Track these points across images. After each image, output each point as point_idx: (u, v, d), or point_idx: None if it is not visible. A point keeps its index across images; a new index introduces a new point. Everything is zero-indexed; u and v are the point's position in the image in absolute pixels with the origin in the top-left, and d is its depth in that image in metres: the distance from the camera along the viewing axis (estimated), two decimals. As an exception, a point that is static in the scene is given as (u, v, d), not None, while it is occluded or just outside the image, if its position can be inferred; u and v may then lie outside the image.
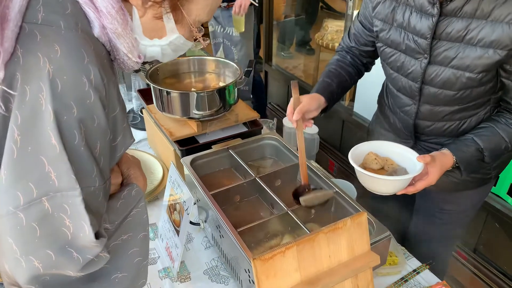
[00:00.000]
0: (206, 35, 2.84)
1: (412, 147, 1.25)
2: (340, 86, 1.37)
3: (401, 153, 1.19)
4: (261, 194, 1.35)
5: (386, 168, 1.19)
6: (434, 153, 1.15)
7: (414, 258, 1.33)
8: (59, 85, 0.61)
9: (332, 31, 3.14)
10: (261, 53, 3.82)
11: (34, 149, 0.62)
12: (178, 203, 1.24)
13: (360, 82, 2.72)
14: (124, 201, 0.82)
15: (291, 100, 1.22)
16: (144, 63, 1.61)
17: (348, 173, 2.85)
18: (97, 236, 0.68)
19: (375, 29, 1.28)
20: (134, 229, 0.81)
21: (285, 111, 3.76)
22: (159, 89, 1.49)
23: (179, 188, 1.23)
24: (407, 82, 1.24)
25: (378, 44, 1.29)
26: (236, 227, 1.14)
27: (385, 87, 1.46)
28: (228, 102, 1.55)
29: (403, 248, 1.37)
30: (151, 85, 1.52)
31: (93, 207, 0.69)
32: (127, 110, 2.12)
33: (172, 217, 1.28)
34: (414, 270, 1.28)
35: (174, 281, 1.24)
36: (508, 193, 1.99)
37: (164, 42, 0.80)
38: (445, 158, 1.14)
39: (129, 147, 0.81)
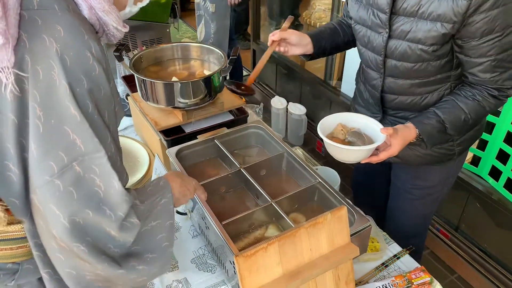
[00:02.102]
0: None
1: (381, 121, 1.34)
2: (332, 38, 1.46)
3: (367, 124, 1.25)
4: (246, 184, 1.37)
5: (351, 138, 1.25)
6: (397, 126, 1.22)
7: (395, 243, 1.37)
8: (68, 61, 0.69)
9: (320, 10, 3.11)
10: (249, 29, 3.77)
11: (57, 121, 0.69)
12: (164, 195, 1.26)
13: (347, 62, 2.72)
14: (152, 188, 0.93)
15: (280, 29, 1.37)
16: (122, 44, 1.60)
17: (336, 153, 2.88)
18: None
19: (349, 7, 1.36)
20: (162, 217, 0.91)
21: (273, 91, 3.75)
22: (143, 79, 1.48)
23: (165, 181, 1.24)
24: (373, 56, 1.31)
25: (351, 21, 1.37)
26: (221, 218, 1.16)
27: (360, 64, 1.53)
28: (213, 90, 1.55)
29: (385, 233, 1.41)
30: (135, 75, 1.51)
31: (116, 171, 0.76)
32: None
33: (158, 209, 1.30)
34: (395, 255, 1.33)
35: (162, 271, 1.27)
36: (489, 174, 2.04)
37: (136, 8, 0.91)
38: (407, 130, 1.21)
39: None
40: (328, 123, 1.25)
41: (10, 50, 0.65)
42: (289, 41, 1.38)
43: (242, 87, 1.43)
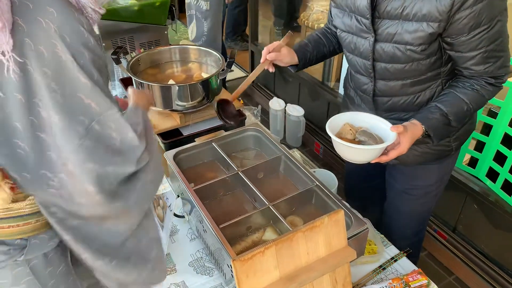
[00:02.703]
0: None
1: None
2: (317, 49, 1.48)
3: (375, 123, 1.25)
4: (244, 187, 1.37)
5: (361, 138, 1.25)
6: (405, 123, 1.22)
7: (393, 246, 1.38)
8: (67, 38, 0.75)
9: (318, 11, 3.11)
10: (247, 31, 3.77)
11: (71, 91, 0.76)
12: (161, 198, 1.26)
13: (345, 64, 2.72)
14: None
15: (277, 42, 1.39)
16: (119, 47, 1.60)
17: (334, 155, 2.89)
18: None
19: (333, 16, 1.37)
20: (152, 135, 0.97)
21: (272, 93, 3.75)
22: (141, 82, 1.49)
23: (162, 184, 1.24)
24: (362, 61, 1.32)
25: (337, 30, 1.38)
26: (218, 221, 1.17)
27: (348, 70, 1.54)
28: (211, 93, 1.55)
29: (382, 236, 1.41)
30: (133, 78, 1.51)
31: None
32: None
33: (156, 212, 1.30)
34: (392, 258, 1.33)
35: (160, 274, 1.27)
36: (486, 176, 2.04)
37: None
38: (415, 127, 1.21)
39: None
40: (335, 123, 1.25)
41: (7, 34, 0.70)
42: (280, 61, 1.39)
43: (229, 109, 1.43)
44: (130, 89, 1.09)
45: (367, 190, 1.76)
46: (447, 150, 1.41)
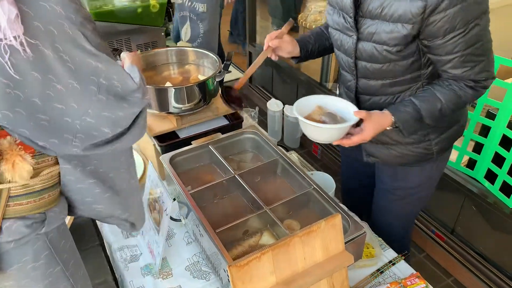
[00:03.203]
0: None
1: (358, 122, 1.34)
2: (319, 41, 1.49)
3: (345, 107, 1.30)
4: (241, 190, 1.36)
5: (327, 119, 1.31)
6: (373, 111, 1.25)
7: (391, 249, 1.37)
8: (72, 16, 0.84)
9: (316, 12, 3.10)
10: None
11: (81, 58, 0.85)
12: (157, 202, 1.25)
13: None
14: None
15: (280, 30, 1.40)
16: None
17: (332, 156, 2.88)
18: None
19: (326, 13, 1.39)
20: None
21: (270, 94, 3.75)
22: (137, 84, 1.47)
23: (158, 188, 1.24)
24: (346, 58, 1.34)
25: (329, 27, 1.40)
26: (215, 225, 1.16)
27: (339, 68, 1.54)
28: (207, 95, 1.54)
29: (380, 239, 1.41)
30: (128, 80, 1.50)
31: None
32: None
33: (152, 216, 1.29)
34: (390, 261, 1.32)
35: (156, 278, 1.26)
36: (485, 177, 2.04)
37: None
38: (383, 116, 1.23)
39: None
40: (306, 104, 1.31)
41: (19, 20, 0.77)
42: (282, 50, 1.41)
43: (233, 94, 1.44)
44: (123, 53, 1.27)
45: (363, 191, 1.75)
46: (427, 154, 1.40)
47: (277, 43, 1.37)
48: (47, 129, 0.87)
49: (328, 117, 1.27)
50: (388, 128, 1.24)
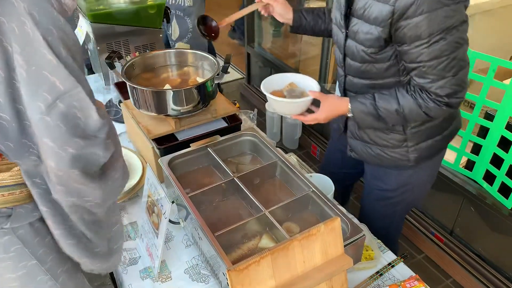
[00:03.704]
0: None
1: (347, 117, 1.42)
2: (314, 21, 1.54)
3: (313, 86, 1.43)
4: (239, 193, 1.36)
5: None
6: (332, 95, 1.37)
7: (390, 251, 1.37)
8: (36, 16, 0.79)
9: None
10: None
11: (37, 67, 0.80)
12: (156, 205, 1.24)
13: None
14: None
15: None
16: (114, 54, 1.59)
17: (330, 157, 2.88)
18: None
19: (332, 8, 1.43)
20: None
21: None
22: (134, 86, 1.47)
23: (157, 191, 1.23)
24: (338, 53, 1.40)
25: (332, 23, 1.44)
26: (214, 228, 1.15)
27: None
28: (206, 97, 1.54)
29: (379, 241, 1.40)
30: (127, 83, 1.49)
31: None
32: (106, 101, 2.09)
33: (151, 219, 1.29)
34: (389, 264, 1.32)
35: (155, 281, 1.26)
36: (483, 179, 2.04)
37: None
38: (340, 101, 1.32)
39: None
40: (277, 81, 1.45)
41: None
42: (273, 9, 1.50)
43: (211, 24, 1.56)
44: None
45: (342, 177, 1.79)
46: (403, 160, 1.41)
47: (271, 0, 1.46)
48: (5, 130, 0.84)
49: (290, 92, 1.39)
50: (349, 115, 1.33)
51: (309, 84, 1.44)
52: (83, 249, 1.00)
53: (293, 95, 1.40)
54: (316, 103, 1.38)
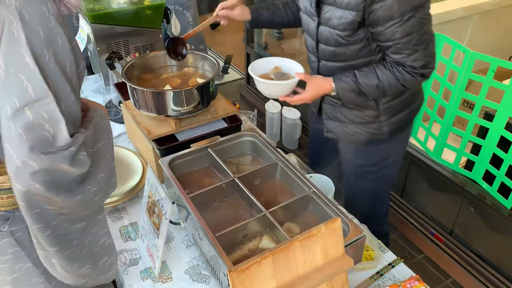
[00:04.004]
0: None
1: (322, 100, 1.59)
2: (271, 17, 1.66)
3: (297, 69, 1.50)
4: (240, 194, 1.36)
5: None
6: (316, 75, 1.46)
7: (390, 252, 1.37)
8: (26, 16, 0.77)
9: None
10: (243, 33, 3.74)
11: (14, 70, 0.77)
12: (156, 206, 1.25)
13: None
14: (88, 114, 0.98)
15: (232, 1, 1.58)
16: (114, 54, 1.59)
17: (330, 157, 2.88)
18: (72, 136, 0.85)
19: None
20: (106, 137, 1.00)
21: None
22: (135, 87, 1.47)
23: (157, 192, 1.23)
24: (310, 40, 1.49)
25: (300, 12, 1.53)
26: (214, 229, 1.16)
27: None
28: (206, 98, 1.54)
29: (379, 241, 1.41)
30: (127, 83, 1.50)
31: (73, 117, 0.86)
32: (106, 101, 2.09)
33: (151, 220, 1.29)
34: (390, 264, 1.32)
35: (156, 282, 1.26)
36: (483, 179, 2.04)
37: None
38: (324, 81, 1.41)
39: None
40: (264, 64, 1.51)
41: None
42: (232, 19, 1.60)
43: (178, 44, 1.65)
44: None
45: (325, 165, 1.86)
46: (378, 134, 1.54)
47: (225, 13, 1.57)
48: None
49: (276, 75, 1.45)
50: (332, 94, 1.41)
51: (293, 67, 1.50)
52: (65, 256, 0.94)
53: (279, 78, 1.47)
54: (300, 85, 1.47)
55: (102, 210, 1.02)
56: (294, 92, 1.47)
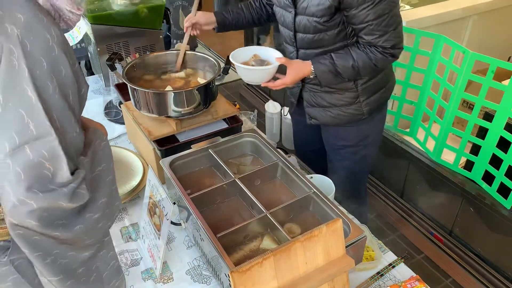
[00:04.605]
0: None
1: (301, 89, 1.68)
2: (236, 19, 1.74)
3: (276, 56, 1.53)
4: (241, 194, 1.36)
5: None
6: (295, 60, 1.52)
7: (390, 252, 1.37)
8: (27, 45, 0.73)
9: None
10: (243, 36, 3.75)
11: (14, 104, 0.73)
12: (157, 207, 1.25)
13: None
14: (88, 136, 0.94)
15: (191, 14, 1.66)
16: (116, 57, 1.59)
17: (330, 158, 2.89)
18: (73, 173, 0.81)
19: None
20: (106, 160, 0.96)
21: (267, 95, 3.75)
22: (136, 88, 1.47)
23: (158, 193, 1.24)
24: (287, 32, 1.56)
25: (274, 6, 1.60)
26: (215, 229, 1.16)
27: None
28: (206, 99, 1.55)
29: (380, 241, 1.41)
30: (128, 84, 1.50)
31: (76, 148, 0.83)
32: (106, 102, 2.09)
33: (152, 220, 1.29)
34: (390, 264, 1.33)
35: (157, 282, 1.26)
36: (482, 179, 2.05)
37: None
38: (303, 65, 1.48)
39: (109, 141, 0.96)
40: (244, 53, 1.55)
41: None
42: (199, 23, 1.67)
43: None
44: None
45: (311, 154, 1.98)
46: (358, 114, 1.63)
47: (190, 22, 1.65)
48: None
49: (256, 62, 1.51)
50: (311, 76, 1.47)
51: (271, 54, 1.55)
52: (70, 285, 0.90)
53: (260, 64, 1.52)
54: (280, 71, 1.52)
55: (107, 232, 0.98)
56: (275, 78, 1.51)
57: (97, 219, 0.89)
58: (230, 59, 1.49)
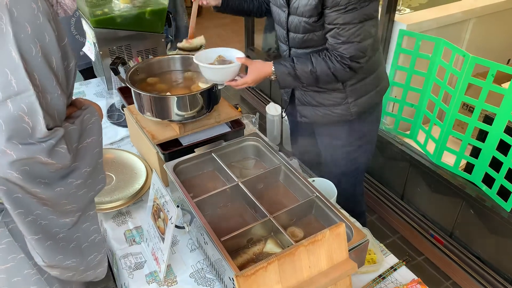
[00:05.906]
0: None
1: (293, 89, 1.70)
2: (239, 2, 1.76)
3: (240, 56, 1.54)
4: (244, 198, 1.37)
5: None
6: (257, 60, 1.54)
7: (392, 255, 1.39)
8: (15, 12, 0.82)
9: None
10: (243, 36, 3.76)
11: (1, 63, 0.82)
12: (162, 210, 1.26)
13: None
14: (79, 111, 1.03)
15: None
16: (119, 59, 1.60)
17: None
18: (51, 129, 0.89)
19: None
20: (95, 134, 1.05)
21: (268, 98, 3.75)
22: (139, 93, 1.49)
23: (162, 196, 1.25)
24: (281, 30, 1.60)
25: (270, 4, 1.64)
26: (219, 233, 1.17)
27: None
28: (209, 103, 1.56)
29: (381, 245, 1.42)
30: (132, 88, 1.51)
31: (57, 110, 0.91)
32: (109, 105, 2.11)
33: (156, 224, 1.30)
34: (392, 267, 1.34)
35: (161, 285, 1.28)
36: (482, 181, 2.06)
37: None
38: (265, 65, 1.51)
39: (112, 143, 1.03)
40: (207, 55, 1.56)
41: None
42: None
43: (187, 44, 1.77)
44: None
45: (309, 153, 1.98)
46: (347, 115, 1.65)
47: None
48: None
49: (219, 62, 1.53)
50: (272, 77, 1.50)
51: (234, 54, 1.57)
52: (48, 246, 0.98)
53: (223, 64, 1.54)
54: (244, 71, 1.54)
55: (93, 207, 1.06)
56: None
57: (78, 185, 0.97)
58: (195, 60, 1.49)
